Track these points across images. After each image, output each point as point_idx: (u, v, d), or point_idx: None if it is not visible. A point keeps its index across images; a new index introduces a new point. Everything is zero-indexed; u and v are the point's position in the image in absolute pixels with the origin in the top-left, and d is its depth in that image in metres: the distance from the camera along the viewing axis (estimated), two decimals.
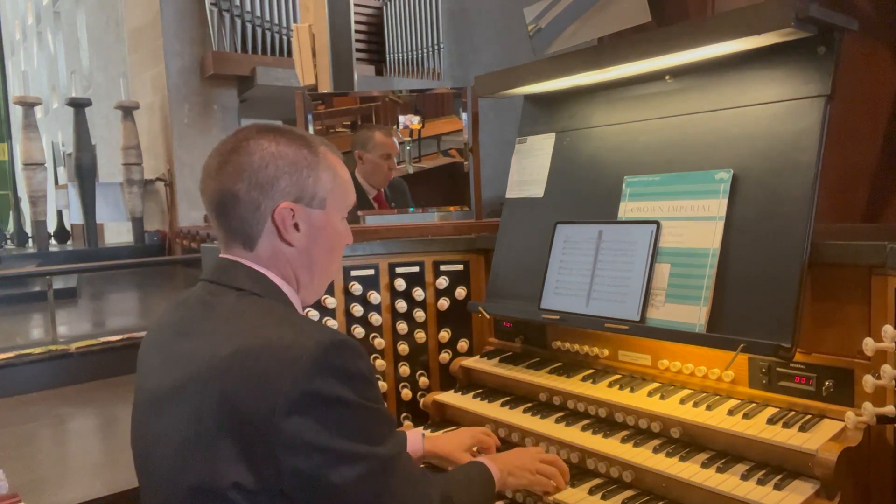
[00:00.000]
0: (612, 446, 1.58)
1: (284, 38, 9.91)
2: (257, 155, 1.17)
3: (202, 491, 1.03)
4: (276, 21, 9.97)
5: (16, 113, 10.79)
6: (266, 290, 1.20)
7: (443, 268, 2.21)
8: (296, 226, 1.20)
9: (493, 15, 11.60)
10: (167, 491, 1.10)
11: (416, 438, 1.72)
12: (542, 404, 1.87)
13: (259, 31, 9.81)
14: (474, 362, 2.12)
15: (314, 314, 2.07)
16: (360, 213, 2.60)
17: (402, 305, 2.18)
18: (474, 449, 1.74)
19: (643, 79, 1.86)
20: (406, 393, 2.18)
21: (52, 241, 12.10)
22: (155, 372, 1.18)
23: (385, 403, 2.12)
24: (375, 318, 2.15)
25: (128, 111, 9.89)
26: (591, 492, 1.52)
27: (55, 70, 19.77)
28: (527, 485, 1.52)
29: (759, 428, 1.42)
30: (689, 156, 1.72)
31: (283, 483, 1.01)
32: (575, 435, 1.67)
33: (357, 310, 2.14)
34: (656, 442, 1.56)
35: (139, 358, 1.27)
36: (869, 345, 1.30)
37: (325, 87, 4.47)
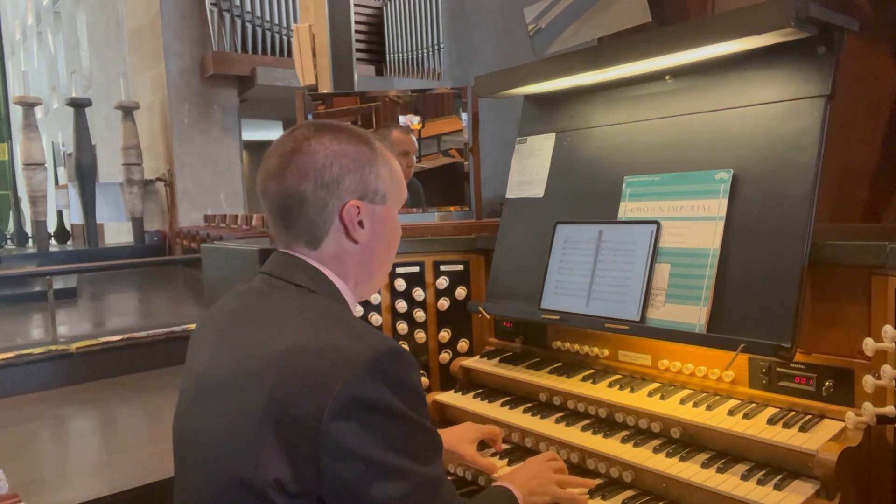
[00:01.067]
0: (612, 446, 1.58)
1: (284, 38, 9.92)
2: (321, 154, 1.17)
3: (243, 484, 1.02)
4: (276, 21, 9.97)
5: (16, 113, 10.79)
6: (324, 289, 1.20)
7: (443, 268, 2.21)
8: (360, 223, 1.21)
9: (493, 15, 11.60)
10: (207, 479, 1.09)
11: None
12: (543, 404, 1.87)
13: (259, 31, 9.82)
14: (474, 362, 2.12)
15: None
16: None
17: (402, 305, 2.18)
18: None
19: (643, 79, 1.86)
20: None
21: (52, 241, 12.11)
22: (207, 358, 1.18)
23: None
24: (375, 319, 2.15)
25: (128, 111, 9.90)
26: (592, 492, 1.52)
27: (55, 70, 19.77)
28: (551, 501, 1.48)
29: (759, 428, 1.42)
30: (689, 156, 1.72)
31: (323, 489, 1.00)
32: (575, 435, 1.67)
33: (357, 310, 2.13)
34: (656, 442, 1.56)
35: (191, 343, 1.27)
36: (869, 345, 1.30)
37: (325, 87, 4.46)
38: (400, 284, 2.17)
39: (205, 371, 1.16)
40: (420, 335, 2.19)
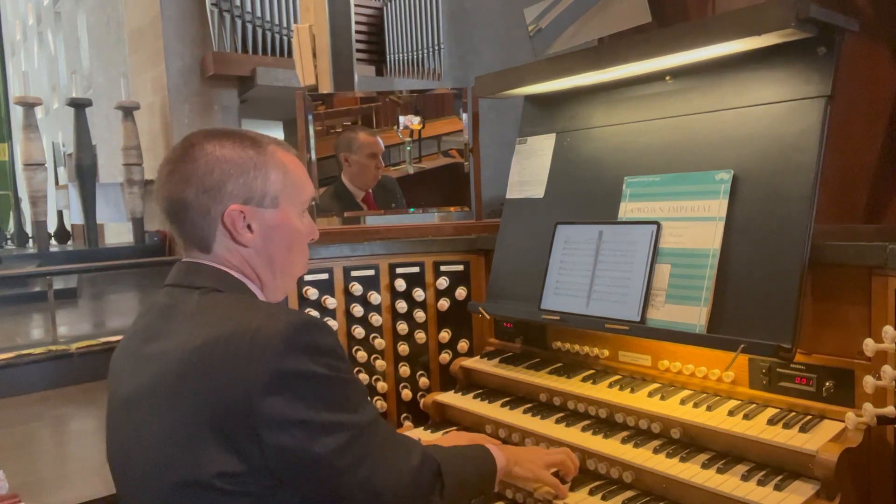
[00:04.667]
0: (612, 447, 1.58)
1: (284, 38, 9.90)
2: (202, 161, 1.20)
3: (187, 485, 1.05)
4: (277, 21, 9.96)
5: (16, 113, 10.78)
6: (228, 286, 1.22)
7: (443, 268, 2.21)
8: (249, 227, 1.23)
9: (493, 15, 11.59)
10: (150, 492, 1.11)
11: None
12: (543, 405, 1.87)
13: (259, 31, 9.79)
14: (474, 363, 2.12)
15: (314, 315, 2.06)
16: (346, 214, 2.60)
17: (402, 306, 2.18)
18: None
19: (643, 79, 1.86)
20: (406, 393, 2.18)
21: (53, 242, 12.08)
22: (127, 378, 1.20)
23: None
24: (376, 319, 2.15)
25: (128, 111, 9.88)
26: (592, 492, 1.52)
27: (55, 70, 19.76)
28: (533, 479, 1.49)
29: (759, 429, 1.42)
30: (689, 156, 1.72)
31: (269, 461, 1.05)
32: (575, 435, 1.67)
33: (357, 310, 2.14)
34: (656, 443, 1.56)
35: (110, 369, 1.29)
36: (869, 345, 1.30)
37: (326, 87, 4.46)
38: (400, 285, 2.17)
39: (127, 390, 1.19)
40: (420, 335, 2.19)
